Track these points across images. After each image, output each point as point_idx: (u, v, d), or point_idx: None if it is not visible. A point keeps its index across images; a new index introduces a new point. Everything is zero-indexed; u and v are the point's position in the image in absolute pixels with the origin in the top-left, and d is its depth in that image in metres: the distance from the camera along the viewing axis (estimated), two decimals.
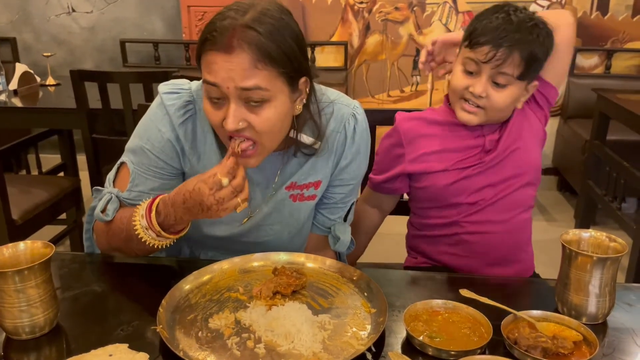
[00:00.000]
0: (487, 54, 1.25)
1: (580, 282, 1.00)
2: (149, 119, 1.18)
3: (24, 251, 0.98)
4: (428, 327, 0.97)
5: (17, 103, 2.86)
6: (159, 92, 1.17)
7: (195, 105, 1.17)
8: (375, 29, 3.97)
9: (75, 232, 2.79)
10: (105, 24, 4.08)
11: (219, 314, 1.01)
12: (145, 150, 1.16)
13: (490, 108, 1.30)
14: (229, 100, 1.02)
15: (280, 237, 1.27)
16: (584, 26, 3.86)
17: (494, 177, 1.37)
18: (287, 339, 0.93)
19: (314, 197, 1.25)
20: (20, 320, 0.93)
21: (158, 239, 1.10)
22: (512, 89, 1.29)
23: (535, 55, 1.27)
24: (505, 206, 1.39)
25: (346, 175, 1.27)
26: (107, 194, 1.17)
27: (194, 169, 1.19)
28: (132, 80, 2.50)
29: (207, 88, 1.04)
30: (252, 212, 1.23)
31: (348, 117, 1.23)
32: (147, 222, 1.08)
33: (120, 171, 1.20)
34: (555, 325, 0.97)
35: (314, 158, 1.22)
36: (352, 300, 1.07)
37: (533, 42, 1.26)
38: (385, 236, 1.84)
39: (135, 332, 0.96)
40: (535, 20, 1.28)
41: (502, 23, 1.26)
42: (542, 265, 1.53)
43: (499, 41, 1.24)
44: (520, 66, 1.26)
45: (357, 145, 1.24)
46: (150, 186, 1.17)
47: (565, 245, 1.01)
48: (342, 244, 1.32)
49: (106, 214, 1.15)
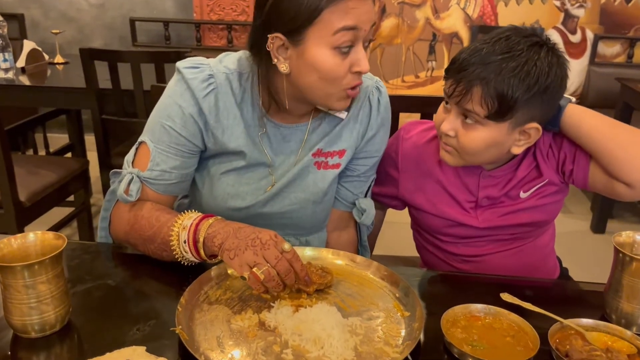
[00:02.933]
0: (449, 87, 1.09)
1: (634, 289, 0.92)
2: (168, 97, 1.14)
3: (34, 242, 0.91)
4: (467, 334, 0.90)
5: (25, 81, 2.79)
6: (178, 68, 1.13)
7: (216, 80, 1.12)
8: (391, 12, 3.87)
9: (83, 215, 2.73)
10: (115, 1, 3.99)
11: (242, 313, 0.94)
12: (165, 127, 1.12)
13: (461, 150, 1.12)
14: (356, 45, 1.03)
15: (304, 208, 1.22)
16: (607, 13, 3.76)
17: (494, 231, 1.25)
18: (317, 344, 0.87)
19: (338, 165, 1.23)
20: (29, 317, 0.86)
21: (189, 252, 1.04)
22: (484, 130, 1.08)
23: (505, 93, 1.03)
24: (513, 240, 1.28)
25: (371, 147, 1.25)
26: (128, 175, 1.13)
27: (218, 143, 1.14)
28: (144, 60, 2.42)
29: (339, 37, 1.00)
30: (276, 180, 1.19)
31: (372, 89, 1.23)
32: (189, 232, 1.03)
33: (139, 151, 1.15)
34: (606, 335, 0.89)
35: (339, 126, 1.21)
36: (383, 302, 1.00)
37: (501, 76, 1.02)
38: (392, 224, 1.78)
39: (153, 332, 0.90)
40: (522, 48, 1.04)
41: (473, 51, 1.06)
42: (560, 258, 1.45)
43: (460, 74, 1.06)
44: (485, 105, 1.04)
45: (381, 117, 1.24)
46: (172, 164, 1.13)
47: (619, 249, 0.94)
48: (368, 217, 1.29)
49: (130, 195, 1.11)
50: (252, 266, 0.94)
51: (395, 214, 1.52)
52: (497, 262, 1.28)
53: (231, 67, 1.14)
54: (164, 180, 1.13)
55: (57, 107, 2.94)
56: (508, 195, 1.22)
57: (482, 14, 3.84)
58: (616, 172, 1.10)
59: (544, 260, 1.35)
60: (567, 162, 1.18)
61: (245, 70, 1.13)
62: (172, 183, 1.14)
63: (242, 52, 1.16)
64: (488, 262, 1.28)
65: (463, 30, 3.88)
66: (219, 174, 1.17)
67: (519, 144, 1.13)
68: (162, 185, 1.13)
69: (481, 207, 1.24)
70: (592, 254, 2.83)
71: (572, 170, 1.17)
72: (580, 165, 1.16)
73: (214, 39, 4.02)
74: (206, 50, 3.94)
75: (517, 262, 1.28)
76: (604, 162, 1.11)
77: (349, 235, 1.34)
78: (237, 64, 1.14)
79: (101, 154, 2.63)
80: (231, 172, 1.17)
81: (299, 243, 1.25)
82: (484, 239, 1.27)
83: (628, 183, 1.09)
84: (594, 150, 1.12)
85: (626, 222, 3.42)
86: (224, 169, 1.17)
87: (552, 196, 1.23)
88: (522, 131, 1.10)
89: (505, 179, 1.22)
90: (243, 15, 3.94)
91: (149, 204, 1.12)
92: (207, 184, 1.20)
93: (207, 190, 1.19)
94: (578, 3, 3.76)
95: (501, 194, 1.22)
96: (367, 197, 1.31)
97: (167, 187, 1.14)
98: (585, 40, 3.84)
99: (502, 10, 3.81)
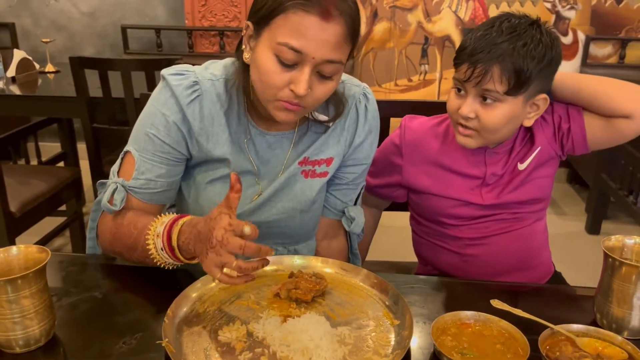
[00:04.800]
0: (466, 72, 1.16)
1: (624, 293, 0.91)
2: (151, 105, 1.13)
3: (17, 256, 0.90)
4: (457, 341, 0.89)
5: (15, 90, 2.78)
6: (163, 75, 1.12)
7: (201, 86, 1.11)
8: (383, 16, 3.87)
9: (75, 224, 2.72)
10: (106, 9, 3.98)
11: (230, 325, 0.93)
12: (149, 136, 1.11)
13: (483, 130, 1.19)
14: (302, 66, 0.98)
15: (292, 217, 1.21)
16: (598, 15, 3.76)
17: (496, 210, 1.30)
18: (305, 355, 0.85)
19: (326, 174, 1.21)
20: (13, 332, 0.85)
21: (169, 258, 1.02)
22: (503, 106, 1.16)
23: (519, 67, 1.12)
24: (513, 221, 1.32)
25: (359, 154, 1.24)
26: (113, 184, 1.12)
27: (202, 150, 1.13)
28: (134, 68, 2.42)
29: (282, 50, 0.96)
30: (262, 189, 1.18)
31: (359, 97, 1.21)
32: (163, 240, 1.00)
33: (124, 161, 1.14)
34: (597, 341, 0.89)
35: (326, 134, 1.19)
36: (373, 311, 0.99)
37: (516, 53, 1.12)
38: (386, 229, 1.77)
39: (139, 345, 0.88)
40: (524, 27, 1.14)
41: (481, 36, 1.15)
42: (554, 260, 1.45)
43: (476, 57, 1.14)
44: (506, 81, 1.13)
45: (369, 124, 1.22)
46: (157, 173, 1.12)
47: (608, 254, 0.93)
48: (358, 225, 1.28)
49: (114, 204, 1.09)
50: (222, 267, 0.89)
51: (390, 218, 1.52)
52: (499, 245, 1.31)
53: (217, 73, 1.13)
54: (149, 189, 1.11)
55: (47, 116, 2.93)
56: (509, 170, 1.29)
57: (474, 17, 3.85)
58: (613, 107, 1.19)
59: (541, 249, 1.38)
60: (563, 122, 1.26)
61: (231, 77, 1.12)
62: (157, 192, 1.12)
63: (228, 59, 1.16)
64: (490, 244, 1.31)
65: (455, 34, 3.89)
66: (205, 183, 1.16)
67: (530, 116, 1.22)
68: (147, 194, 1.12)
69: (486, 186, 1.30)
70: (587, 255, 2.82)
71: (569, 128, 1.25)
72: (576, 120, 1.25)
73: (206, 45, 4.02)
74: (198, 56, 3.93)
75: (517, 246, 1.32)
76: (599, 103, 1.20)
77: (339, 243, 1.33)
78: (224, 71, 1.14)
79: (93, 163, 2.62)
80: (217, 181, 1.16)
81: (287, 252, 1.23)
82: (487, 220, 1.31)
83: (627, 114, 1.18)
84: (586, 98, 1.22)
85: (621, 223, 3.42)
86: (209, 178, 1.16)
87: (545, 167, 1.30)
88: (532, 103, 1.20)
89: (506, 154, 1.29)
90: (235, 21, 3.93)
91: (131, 212, 1.10)
92: (193, 193, 1.18)
93: (193, 200, 1.18)
94: (569, 5, 3.77)
95: (505, 171, 1.29)
96: (356, 205, 1.30)
97: (152, 196, 1.12)
98: (577, 41, 3.84)
99: (494, 12, 3.82)
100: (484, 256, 1.31)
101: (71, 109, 2.62)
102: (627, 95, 1.18)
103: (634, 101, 1.17)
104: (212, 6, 3.90)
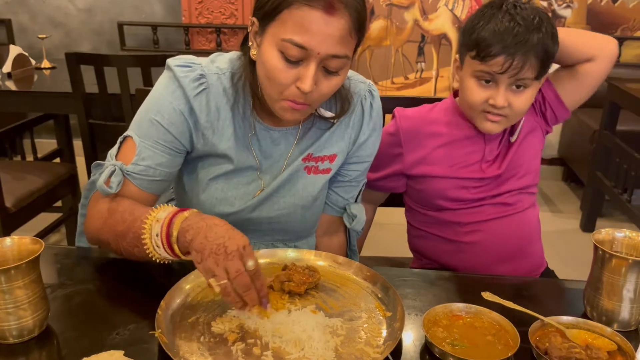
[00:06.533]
0: (503, 64, 1.17)
1: (614, 286, 0.92)
2: (159, 92, 1.10)
3: (11, 247, 0.90)
4: (448, 333, 0.90)
5: (11, 86, 2.77)
6: (169, 65, 1.10)
7: (207, 80, 1.10)
8: (380, 14, 3.87)
9: (71, 220, 2.71)
10: (103, 5, 3.97)
11: (222, 316, 0.93)
12: (154, 122, 1.09)
13: (513, 115, 1.25)
14: (307, 62, 0.97)
15: (293, 213, 1.21)
16: (594, 13, 3.77)
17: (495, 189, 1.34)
18: (297, 346, 0.86)
19: (329, 170, 1.21)
20: (7, 323, 0.85)
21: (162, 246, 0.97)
22: (531, 90, 1.23)
23: (549, 51, 1.20)
24: (508, 205, 1.34)
25: (363, 152, 1.24)
26: (110, 166, 1.09)
27: (208, 144, 1.12)
28: (130, 64, 2.41)
29: (287, 46, 0.95)
30: (265, 184, 1.18)
31: (364, 93, 1.21)
32: (163, 225, 0.95)
33: (124, 145, 1.12)
34: (586, 332, 0.89)
35: (330, 131, 1.19)
36: (365, 303, 0.99)
37: (545, 39, 1.18)
38: (381, 226, 1.78)
39: (132, 336, 0.89)
40: (536, 12, 1.19)
41: (509, 27, 1.17)
42: (548, 258, 1.46)
43: (513, 49, 1.16)
44: (537, 67, 1.19)
45: (374, 122, 1.22)
46: (158, 161, 1.10)
47: (598, 246, 0.94)
48: (359, 222, 1.28)
49: (110, 186, 1.07)
50: (212, 276, 0.88)
51: (385, 215, 1.52)
52: (494, 231, 1.33)
53: (223, 67, 1.12)
54: (148, 176, 1.09)
55: (43, 112, 2.92)
56: (505, 144, 1.34)
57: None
58: (577, 55, 1.28)
59: (533, 238, 1.40)
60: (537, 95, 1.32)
61: (237, 71, 1.11)
62: (155, 180, 1.10)
63: (234, 53, 1.15)
64: (486, 230, 1.33)
65: (451, 32, 3.89)
66: (207, 180, 1.15)
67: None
68: (145, 181, 1.10)
69: (486, 162, 1.33)
70: (581, 252, 2.83)
71: (543, 96, 1.34)
72: (545, 87, 1.33)
73: (203, 42, 4.02)
74: (195, 53, 3.86)
75: (511, 232, 1.34)
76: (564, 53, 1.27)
77: (338, 240, 1.33)
78: (229, 65, 1.13)
79: (88, 159, 2.62)
80: (220, 177, 1.15)
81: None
82: (483, 204, 1.33)
83: (590, 57, 1.28)
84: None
85: (615, 221, 3.43)
86: (212, 174, 1.15)
87: (531, 137, 1.36)
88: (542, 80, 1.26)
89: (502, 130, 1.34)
90: (232, 18, 3.94)
91: (128, 201, 1.07)
92: (195, 189, 1.18)
93: (195, 195, 1.18)
94: (565, 3, 3.78)
95: (501, 145, 1.34)
96: (357, 203, 1.30)
97: (149, 184, 1.10)
98: None
99: None
100: (480, 244, 1.33)
101: (67, 105, 2.62)
102: (587, 41, 1.29)
103: (594, 46, 1.28)
104: (208, 3, 3.90)
